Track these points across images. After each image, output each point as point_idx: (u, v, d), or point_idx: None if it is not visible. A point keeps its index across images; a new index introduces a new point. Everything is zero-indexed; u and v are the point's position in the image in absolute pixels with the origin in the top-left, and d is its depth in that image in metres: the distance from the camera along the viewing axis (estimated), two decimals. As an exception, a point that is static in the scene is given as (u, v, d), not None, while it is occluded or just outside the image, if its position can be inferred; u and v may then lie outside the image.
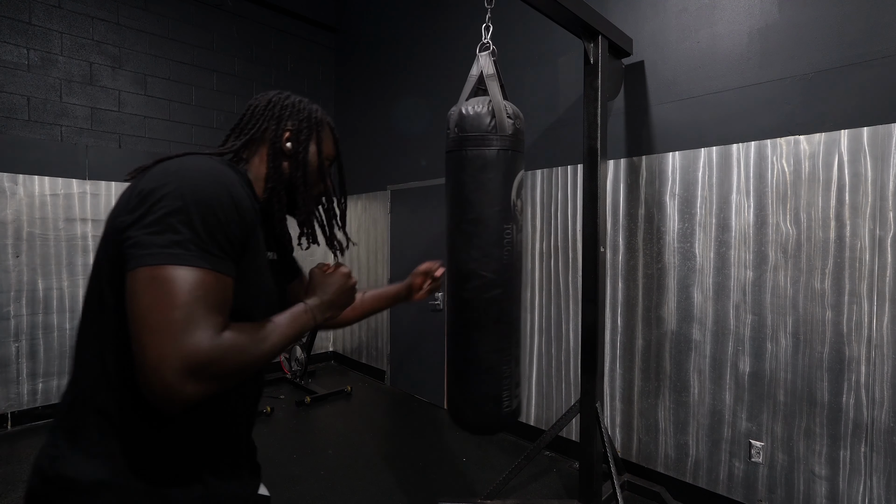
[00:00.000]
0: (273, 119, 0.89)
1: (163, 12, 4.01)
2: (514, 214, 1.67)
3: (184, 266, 0.61)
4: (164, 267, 0.60)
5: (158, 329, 0.58)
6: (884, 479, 1.90)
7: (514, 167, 1.67)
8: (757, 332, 2.20)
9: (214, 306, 0.63)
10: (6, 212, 3.33)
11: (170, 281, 0.60)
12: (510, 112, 1.67)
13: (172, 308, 0.59)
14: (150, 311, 0.59)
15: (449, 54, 3.76)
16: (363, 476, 2.71)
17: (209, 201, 0.65)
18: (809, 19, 2.06)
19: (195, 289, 0.61)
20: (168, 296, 0.59)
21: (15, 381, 3.38)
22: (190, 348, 0.59)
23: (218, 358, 0.61)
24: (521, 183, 1.73)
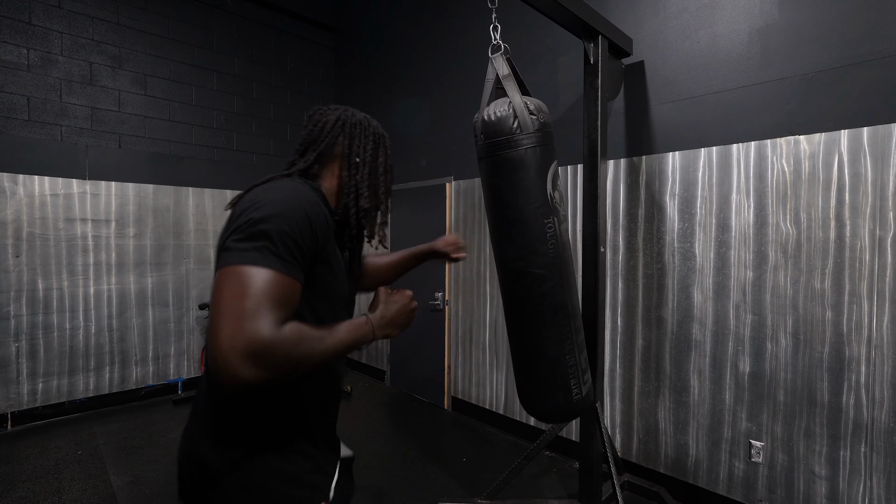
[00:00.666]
0: (345, 136, 0.99)
1: (163, 12, 4.01)
2: (554, 206, 1.69)
3: (258, 266, 0.74)
4: (242, 265, 0.73)
5: (230, 314, 0.70)
6: (884, 479, 1.90)
7: (545, 161, 1.67)
8: (757, 332, 2.20)
9: (279, 302, 0.74)
10: (6, 212, 3.33)
11: (245, 276, 0.73)
12: (532, 108, 1.66)
13: (244, 298, 0.71)
14: (225, 300, 0.71)
15: (449, 54, 3.76)
16: (363, 476, 2.71)
17: (285, 216, 0.78)
18: (809, 19, 2.06)
19: (264, 285, 0.73)
20: (242, 287, 0.72)
21: (15, 381, 3.38)
22: (252, 334, 0.69)
23: (275, 346, 0.71)
24: (556, 173, 1.74)
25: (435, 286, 3.85)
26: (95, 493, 2.51)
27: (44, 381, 3.49)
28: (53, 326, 3.52)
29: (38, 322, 3.46)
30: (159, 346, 4.02)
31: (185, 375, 4.16)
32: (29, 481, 2.62)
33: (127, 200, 3.84)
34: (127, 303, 3.85)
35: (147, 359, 3.96)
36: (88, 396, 3.68)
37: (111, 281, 3.77)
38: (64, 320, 3.57)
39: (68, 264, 3.58)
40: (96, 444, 3.09)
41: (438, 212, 3.83)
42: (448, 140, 3.77)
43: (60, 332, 3.56)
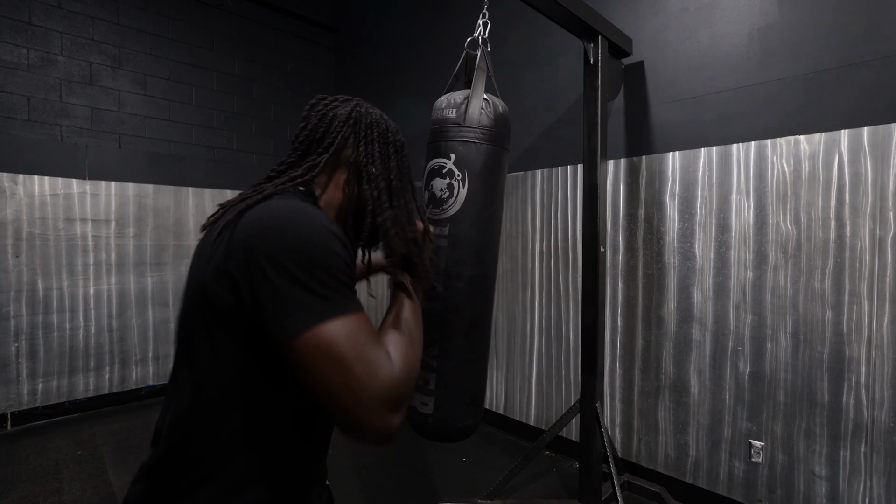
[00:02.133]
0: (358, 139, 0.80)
1: (163, 12, 4.01)
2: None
3: (335, 319, 0.60)
4: (319, 328, 0.59)
5: (349, 390, 0.59)
6: (884, 479, 1.90)
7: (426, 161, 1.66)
8: (757, 332, 2.20)
9: (374, 340, 0.64)
10: (6, 212, 3.33)
11: (333, 342, 0.59)
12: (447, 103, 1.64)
13: (351, 365, 0.59)
14: (333, 377, 0.59)
15: (449, 54, 3.76)
16: (363, 476, 2.70)
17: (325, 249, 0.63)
18: (809, 19, 2.06)
19: (356, 336, 0.61)
20: (340, 357, 0.59)
21: (15, 381, 3.38)
22: (383, 392, 0.61)
23: (404, 380, 0.65)
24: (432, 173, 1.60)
25: (435, 286, 3.84)
26: (95, 493, 2.51)
27: (44, 381, 3.49)
28: (53, 326, 3.52)
29: (38, 322, 3.46)
30: (159, 346, 4.02)
31: (185, 375, 4.15)
32: (29, 481, 2.62)
33: (127, 200, 3.84)
34: (127, 303, 3.85)
35: (147, 359, 3.96)
36: (88, 396, 3.68)
37: (111, 281, 3.77)
38: (64, 320, 3.57)
39: (68, 264, 3.58)
40: (96, 444, 3.09)
41: (438, 212, 3.82)
42: (448, 140, 3.76)
43: (60, 332, 3.56)
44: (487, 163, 1.60)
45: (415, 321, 0.77)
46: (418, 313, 0.80)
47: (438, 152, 1.60)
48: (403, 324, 0.74)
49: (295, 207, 0.66)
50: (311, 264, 0.61)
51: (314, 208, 0.69)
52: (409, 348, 0.70)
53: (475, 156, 1.59)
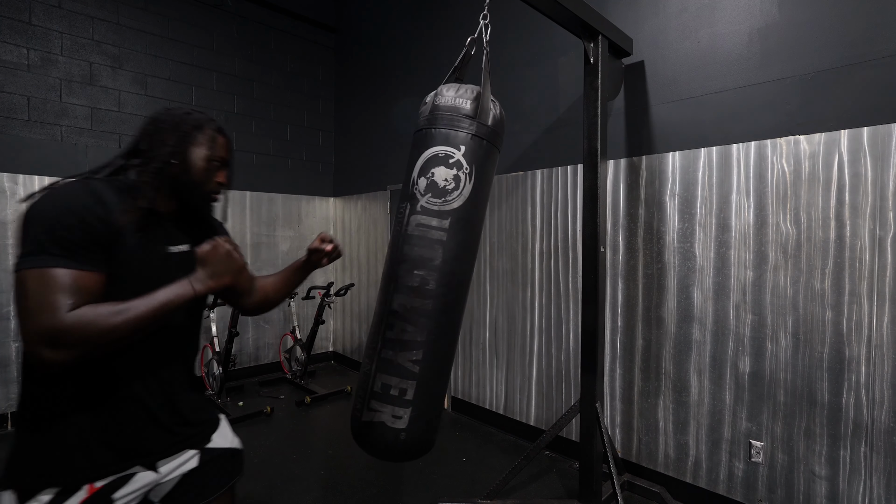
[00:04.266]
0: (160, 135, 1.01)
1: (163, 12, 4.01)
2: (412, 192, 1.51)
3: (30, 269, 0.82)
4: (23, 272, 0.83)
5: (21, 316, 0.82)
6: (884, 479, 1.90)
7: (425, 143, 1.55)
8: (757, 332, 2.20)
9: (65, 291, 0.82)
10: (6, 212, 3.33)
11: (25, 280, 0.82)
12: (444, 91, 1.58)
13: (26, 299, 0.81)
14: (18, 307, 0.83)
15: (449, 54, 3.76)
16: (363, 476, 2.70)
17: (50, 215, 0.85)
18: (809, 19, 2.06)
19: (45, 281, 0.82)
20: (25, 290, 0.82)
21: (15, 381, 3.37)
22: (39, 326, 0.80)
23: (68, 329, 0.81)
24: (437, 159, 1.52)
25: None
26: (95, 493, 2.51)
27: (44, 381, 3.49)
28: (53, 326, 3.52)
29: (38, 322, 3.46)
30: (159, 346, 4.01)
31: (185, 375, 4.15)
32: (29, 481, 2.62)
33: (127, 200, 3.84)
34: (127, 303, 3.84)
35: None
36: (88, 396, 3.68)
37: (111, 281, 3.77)
38: (64, 320, 3.56)
39: (68, 264, 3.57)
40: (96, 444, 3.09)
41: (438, 212, 3.82)
42: (448, 140, 3.76)
43: (60, 332, 3.55)
44: (488, 162, 1.56)
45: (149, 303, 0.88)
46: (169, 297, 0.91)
47: (446, 140, 1.50)
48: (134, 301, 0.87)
49: (47, 191, 0.90)
50: (36, 227, 0.85)
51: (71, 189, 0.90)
52: (108, 314, 0.84)
53: (482, 153, 1.53)
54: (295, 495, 2.49)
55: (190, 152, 1.02)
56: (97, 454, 0.93)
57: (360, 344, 4.84)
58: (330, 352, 5.24)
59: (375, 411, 1.40)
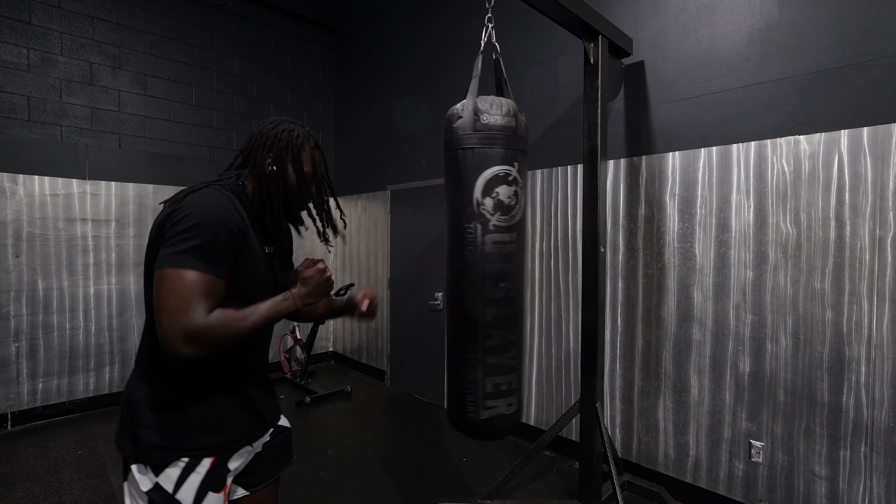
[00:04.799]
0: (260, 149, 1.11)
1: (163, 12, 4.01)
2: (480, 213, 1.60)
3: (186, 269, 0.92)
4: (172, 269, 0.91)
5: (166, 311, 0.90)
6: (884, 479, 1.90)
7: (480, 164, 1.60)
8: (757, 332, 2.20)
9: (204, 296, 0.92)
10: (6, 212, 3.33)
11: (173, 278, 0.91)
12: (481, 108, 1.60)
13: (175, 297, 0.90)
14: (164, 297, 0.90)
15: (449, 54, 3.76)
16: (363, 476, 2.71)
17: (205, 223, 0.95)
18: (809, 19, 2.06)
19: (190, 284, 0.91)
20: (172, 288, 0.90)
21: (15, 381, 3.38)
22: (184, 324, 0.89)
23: (206, 330, 0.90)
24: (498, 178, 1.62)
25: (435, 286, 3.85)
26: (95, 493, 2.51)
27: (44, 381, 3.49)
28: (53, 326, 3.52)
29: (38, 322, 3.46)
30: (159, 346, 4.02)
31: (185, 375, 4.15)
32: (29, 481, 2.62)
33: (127, 200, 3.84)
34: (127, 303, 3.85)
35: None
36: (88, 396, 3.68)
37: (111, 281, 3.77)
38: (64, 320, 3.57)
39: (68, 264, 3.58)
40: (96, 444, 3.09)
41: (438, 212, 3.83)
42: (448, 140, 3.76)
43: (60, 332, 3.56)
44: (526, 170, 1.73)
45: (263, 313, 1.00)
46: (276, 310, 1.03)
47: (502, 159, 1.62)
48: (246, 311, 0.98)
49: (198, 196, 0.99)
50: (190, 231, 0.93)
51: (222, 197, 1.01)
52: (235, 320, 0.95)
53: (524, 165, 1.71)
54: (295, 495, 2.49)
55: (290, 167, 1.12)
56: (218, 433, 1.05)
57: (359, 344, 4.84)
58: (330, 352, 5.24)
59: (492, 408, 1.66)
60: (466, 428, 1.71)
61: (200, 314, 0.90)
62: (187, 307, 0.89)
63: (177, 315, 0.88)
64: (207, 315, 0.91)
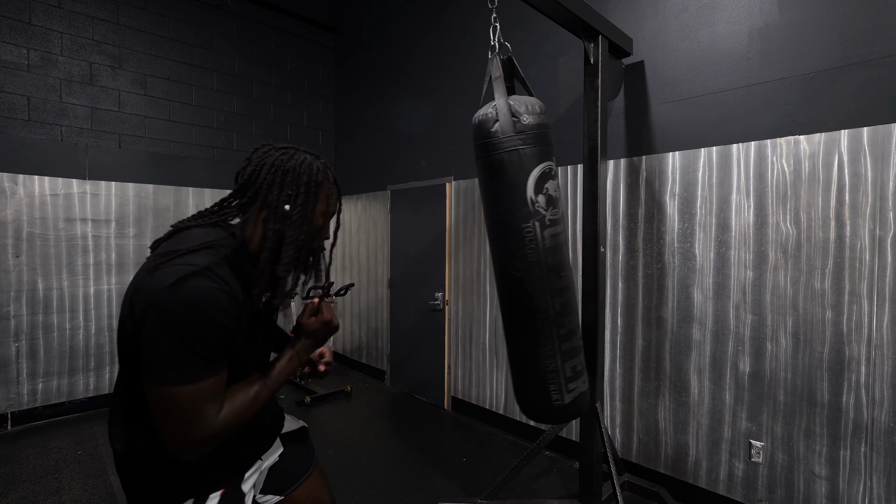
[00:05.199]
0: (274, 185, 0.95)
1: (163, 12, 4.01)
2: (535, 210, 1.66)
3: (181, 385, 0.82)
4: (169, 388, 0.81)
5: (172, 427, 0.82)
6: (884, 479, 1.90)
7: (528, 164, 1.64)
8: (757, 332, 2.20)
9: (210, 399, 0.85)
10: (6, 212, 3.33)
11: (172, 396, 0.81)
12: (518, 109, 1.64)
13: (178, 413, 0.82)
14: (164, 417, 0.82)
15: (449, 54, 3.76)
16: (363, 476, 2.71)
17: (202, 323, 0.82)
18: (809, 19, 2.06)
19: (194, 397, 0.83)
20: (174, 406, 0.82)
21: (15, 381, 3.38)
22: (196, 437, 0.83)
23: (219, 431, 0.86)
24: (548, 175, 1.69)
25: (435, 286, 3.85)
26: (95, 493, 2.51)
27: (44, 381, 3.49)
28: (53, 326, 3.52)
29: (38, 322, 3.46)
30: (159, 346, 4.01)
31: (185, 375, 4.15)
32: (29, 481, 2.62)
33: (127, 200, 3.84)
34: (127, 303, 3.84)
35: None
36: (88, 396, 3.68)
37: (111, 281, 3.77)
38: (64, 320, 3.57)
39: (68, 264, 3.58)
40: (96, 444, 3.09)
41: (438, 212, 3.83)
42: (448, 140, 3.77)
43: (60, 332, 3.56)
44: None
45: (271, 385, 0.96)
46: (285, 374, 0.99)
47: (544, 156, 1.69)
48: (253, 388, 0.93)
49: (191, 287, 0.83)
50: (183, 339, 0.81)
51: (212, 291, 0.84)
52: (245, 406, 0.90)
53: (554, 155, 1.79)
54: (295, 495, 2.49)
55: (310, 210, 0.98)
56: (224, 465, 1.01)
57: (360, 344, 4.84)
58: (330, 352, 5.23)
59: (573, 389, 1.77)
60: (554, 416, 1.79)
61: (211, 420, 0.84)
62: (196, 420, 0.82)
63: (188, 428, 0.82)
64: (218, 416, 0.86)
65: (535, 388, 1.77)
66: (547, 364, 1.74)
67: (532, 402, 1.81)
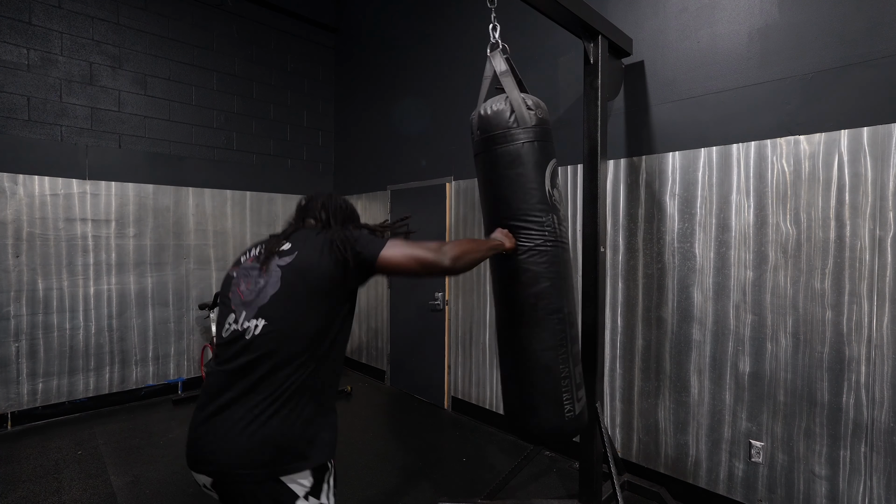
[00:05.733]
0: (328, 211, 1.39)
1: (163, 12, 4.01)
2: (553, 204, 1.63)
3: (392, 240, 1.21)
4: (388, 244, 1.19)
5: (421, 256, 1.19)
6: (884, 479, 1.90)
7: (544, 157, 1.64)
8: (757, 332, 2.20)
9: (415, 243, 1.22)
10: (6, 212, 3.33)
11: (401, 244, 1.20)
12: (530, 104, 1.64)
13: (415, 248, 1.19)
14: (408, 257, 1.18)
15: (449, 54, 3.76)
16: (363, 476, 2.70)
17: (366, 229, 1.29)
18: (809, 19, 2.06)
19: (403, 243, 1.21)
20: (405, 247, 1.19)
21: (15, 381, 3.38)
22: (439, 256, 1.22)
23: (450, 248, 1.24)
24: (555, 171, 1.71)
25: (435, 286, 3.85)
26: (95, 493, 2.51)
27: (44, 381, 3.49)
28: (53, 326, 3.52)
29: (38, 322, 3.46)
30: (159, 346, 4.02)
31: (185, 375, 4.16)
32: (29, 481, 2.62)
33: (127, 200, 3.84)
34: (127, 303, 3.85)
35: (147, 359, 3.96)
36: (88, 396, 3.68)
37: (111, 281, 3.77)
38: (64, 320, 3.57)
39: (68, 264, 3.58)
40: (96, 444, 3.09)
41: (438, 212, 3.83)
42: (448, 140, 3.77)
43: (60, 332, 3.56)
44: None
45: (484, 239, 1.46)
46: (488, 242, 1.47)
47: (553, 151, 1.72)
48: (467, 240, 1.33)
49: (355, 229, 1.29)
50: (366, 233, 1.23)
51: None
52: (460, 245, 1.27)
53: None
54: (295, 495, 2.49)
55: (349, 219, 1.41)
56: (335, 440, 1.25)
57: (359, 344, 4.84)
58: (330, 352, 5.23)
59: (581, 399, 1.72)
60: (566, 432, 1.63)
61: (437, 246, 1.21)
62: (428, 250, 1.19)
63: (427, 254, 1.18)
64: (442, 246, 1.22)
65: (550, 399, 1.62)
66: (561, 369, 1.62)
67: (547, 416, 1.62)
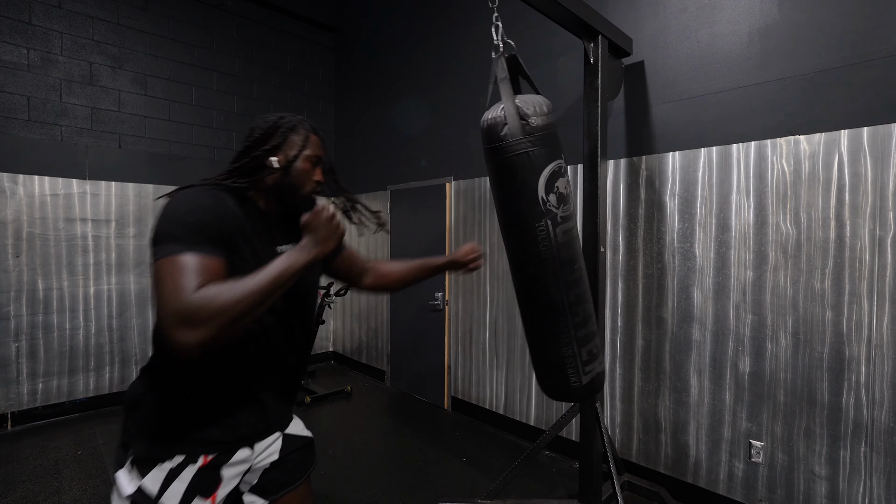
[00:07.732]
0: (258, 142, 1.08)
1: (163, 12, 4.01)
2: (547, 209, 1.70)
3: (164, 258, 0.88)
4: (160, 261, 0.89)
5: (158, 302, 0.85)
6: (884, 479, 1.90)
7: (537, 164, 1.67)
8: (757, 332, 2.20)
9: (194, 273, 0.87)
10: (6, 212, 3.33)
11: (162, 268, 0.88)
12: (526, 111, 1.65)
13: (161, 286, 0.86)
14: (156, 293, 0.86)
15: (449, 54, 3.76)
16: (363, 476, 2.71)
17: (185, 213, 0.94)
18: (809, 19, 2.06)
19: (177, 267, 0.87)
20: (162, 277, 0.87)
21: (15, 381, 3.38)
22: (172, 307, 0.83)
23: (195, 306, 0.83)
24: (557, 173, 1.72)
25: (435, 286, 3.85)
26: (95, 493, 2.51)
27: (44, 381, 3.49)
28: (53, 326, 3.52)
29: (38, 322, 3.46)
30: (159, 346, 4.01)
31: (185, 375, 4.15)
32: (29, 481, 2.62)
33: (127, 200, 3.84)
34: (127, 303, 3.85)
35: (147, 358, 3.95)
36: (88, 396, 3.68)
37: (111, 281, 3.77)
38: (64, 320, 3.57)
39: (68, 264, 3.58)
40: (96, 444, 3.09)
41: (438, 212, 3.83)
42: (448, 140, 3.77)
43: (60, 332, 3.56)
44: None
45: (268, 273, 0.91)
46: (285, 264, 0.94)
47: (554, 155, 1.71)
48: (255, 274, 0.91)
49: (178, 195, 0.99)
50: (168, 222, 0.92)
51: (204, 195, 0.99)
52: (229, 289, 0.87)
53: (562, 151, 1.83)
54: (295, 495, 2.49)
55: (286, 153, 1.08)
56: (214, 431, 1.04)
57: (359, 344, 4.84)
58: (330, 352, 5.24)
59: (591, 371, 1.88)
60: (573, 395, 1.90)
61: (187, 292, 0.83)
62: (176, 288, 0.84)
63: (168, 299, 0.83)
64: (198, 290, 0.84)
65: (554, 373, 1.88)
66: (564, 350, 1.83)
67: (553, 385, 1.92)
